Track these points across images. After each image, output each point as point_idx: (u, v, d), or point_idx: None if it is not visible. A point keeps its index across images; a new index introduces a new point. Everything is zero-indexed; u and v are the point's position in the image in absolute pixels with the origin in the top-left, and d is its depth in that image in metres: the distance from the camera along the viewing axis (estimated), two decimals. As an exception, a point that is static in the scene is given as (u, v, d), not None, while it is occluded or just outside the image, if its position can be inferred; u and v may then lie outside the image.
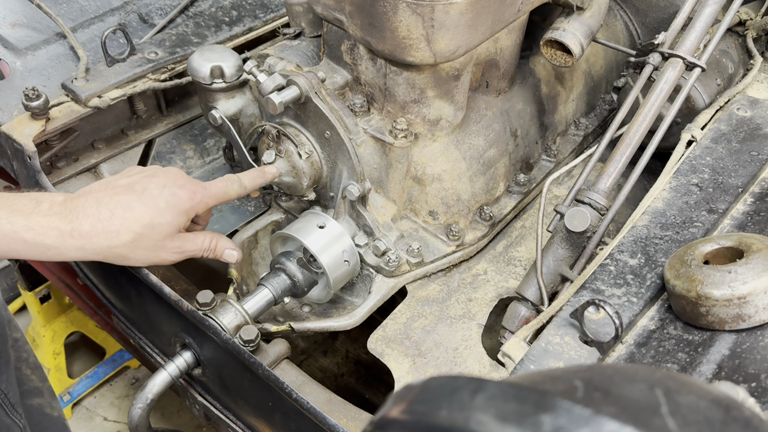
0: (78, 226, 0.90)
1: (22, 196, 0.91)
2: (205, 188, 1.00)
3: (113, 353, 2.11)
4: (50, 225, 0.89)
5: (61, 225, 0.89)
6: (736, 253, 0.83)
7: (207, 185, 1.01)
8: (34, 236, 0.88)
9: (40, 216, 0.89)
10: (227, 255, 1.06)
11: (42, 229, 0.88)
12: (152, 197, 0.94)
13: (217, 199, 1.02)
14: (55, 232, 0.89)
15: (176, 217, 0.96)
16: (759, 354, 0.76)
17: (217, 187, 1.03)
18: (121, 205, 0.92)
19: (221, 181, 1.04)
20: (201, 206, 0.99)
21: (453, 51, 1.02)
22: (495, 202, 1.29)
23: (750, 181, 1.04)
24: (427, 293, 1.18)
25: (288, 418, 0.97)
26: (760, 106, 1.20)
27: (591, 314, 0.84)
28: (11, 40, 1.30)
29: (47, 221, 0.89)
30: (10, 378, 1.12)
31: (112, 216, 0.91)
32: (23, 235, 0.88)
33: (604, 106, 1.54)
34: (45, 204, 0.91)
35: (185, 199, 0.96)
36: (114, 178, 0.99)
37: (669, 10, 1.48)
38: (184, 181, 0.98)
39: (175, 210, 0.95)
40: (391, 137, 1.11)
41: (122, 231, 0.92)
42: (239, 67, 1.19)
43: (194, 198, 0.98)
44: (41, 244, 0.89)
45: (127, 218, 0.92)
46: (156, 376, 1.03)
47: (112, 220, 0.91)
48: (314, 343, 1.98)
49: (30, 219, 0.88)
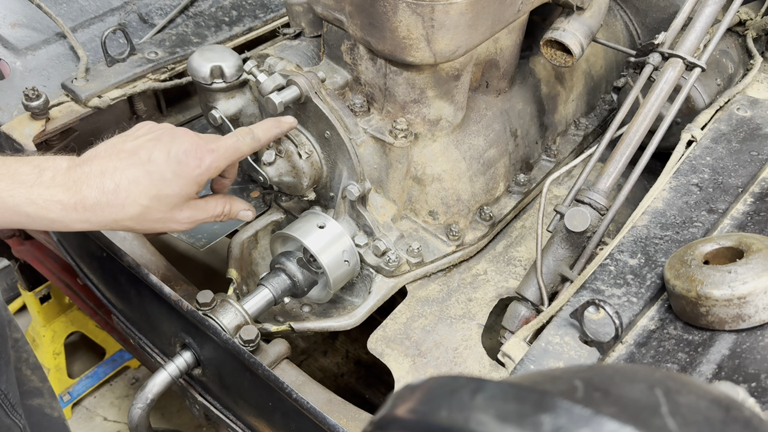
0: (82, 198, 0.85)
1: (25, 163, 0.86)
2: (213, 150, 0.92)
3: (113, 353, 2.12)
4: (53, 198, 0.84)
5: (65, 198, 0.85)
6: (736, 253, 0.83)
7: (215, 146, 0.93)
8: (36, 210, 0.84)
9: (43, 188, 0.84)
10: (242, 215, 1.03)
11: (45, 202, 0.84)
12: (158, 166, 0.88)
13: (229, 159, 0.95)
14: (58, 206, 0.84)
15: (184, 187, 0.90)
16: (759, 354, 0.76)
17: (227, 146, 0.94)
18: (126, 177, 0.87)
19: (231, 137, 0.97)
20: (212, 170, 0.92)
21: (453, 51, 1.02)
22: (495, 202, 1.29)
23: (750, 181, 1.04)
24: (427, 293, 1.18)
25: (288, 418, 0.97)
26: (760, 106, 1.20)
27: (591, 314, 0.84)
28: (11, 40, 1.30)
29: (50, 194, 0.84)
30: (10, 378, 1.12)
31: (117, 188, 0.86)
32: (25, 209, 0.84)
33: (604, 106, 1.54)
34: (48, 173, 0.85)
35: (192, 167, 0.89)
36: (121, 138, 0.92)
37: (669, 10, 1.48)
38: (190, 144, 0.90)
39: (183, 179, 0.89)
40: (391, 137, 1.11)
41: (128, 204, 0.87)
42: (239, 67, 1.19)
43: (202, 164, 0.90)
44: (45, 218, 0.85)
45: (132, 191, 0.86)
46: (156, 376, 1.03)
47: (118, 193, 0.86)
48: (314, 343, 1.98)
49: (32, 191, 0.84)
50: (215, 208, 0.97)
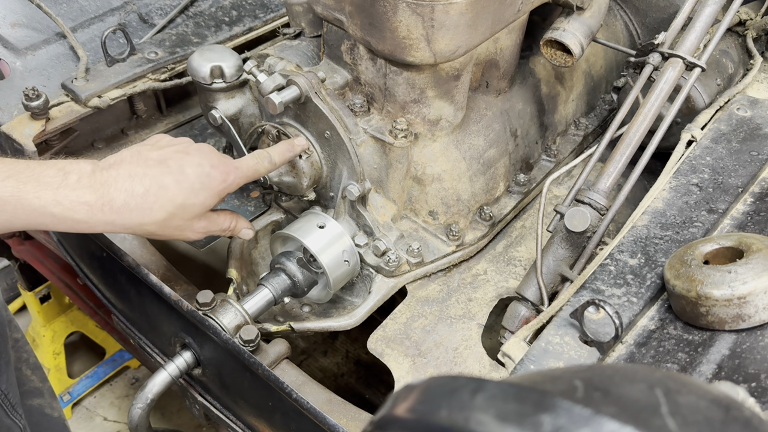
0: (110, 200, 0.88)
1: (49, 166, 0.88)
2: (237, 168, 0.99)
3: (113, 353, 2.12)
4: (80, 200, 0.86)
5: (92, 199, 0.87)
6: (736, 253, 0.83)
7: (238, 164, 1.00)
8: (62, 211, 0.86)
9: (69, 189, 0.86)
10: (243, 233, 1.08)
11: (71, 204, 0.86)
12: (187, 177, 0.93)
13: (248, 178, 1.02)
14: (84, 207, 0.87)
15: (209, 198, 0.95)
16: (759, 354, 0.76)
17: (248, 165, 1.02)
18: (156, 183, 0.91)
19: (252, 158, 1.03)
20: (233, 186, 0.99)
21: (453, 51, 1.02)
22: (495, 202, 1.29)
23: (750, 181, 1.04)
24: (427, 293, 1.18)
25: (288, 418, 0.97)
26: (760, 106, 1.20)
27: (591, 314, 0.84)
28: (11, 40, 1.30)
29: (76, 195, 0.86)
30: (11, 378, 1.12)
31: (147, 193, 0.90)
32: (51, 210, 0.85)
33: (604, 106, 1.54)
34: (73, 176, 0.87)
35: (219, 181, 0.96)
36: (144, 147, 0.96)
37: (669, 10, 1.48)
38: (217, 160, 0.97)
39: (209, 191, 0.95)
40: (391, 137, 1.11)
41: (155, 209, 0.90)
42: (239, 67, 1.19)
43: (227, 180, 0.97)
44: (70, 219, 0.87)
45: (161, 197, 0.91)
46: (156, 376, 1.03)
47: (147, 197, 0.90)
48: (314, 343, 1.98)
49: (58, 193, 0.86)
50: (224, 222, 1.03)
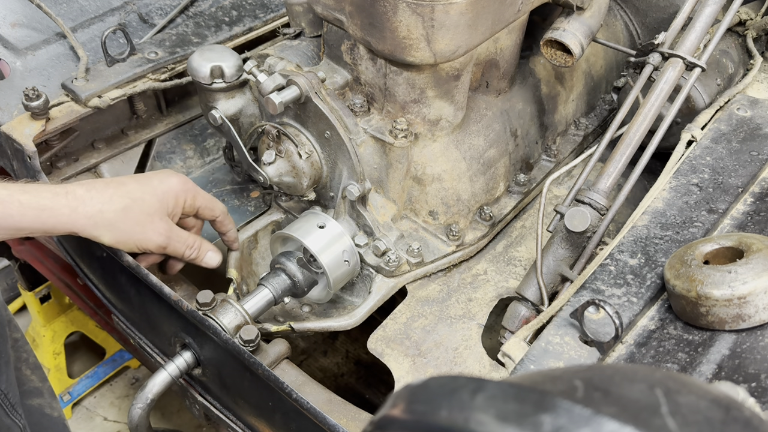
0: (73, 189, 0.95)
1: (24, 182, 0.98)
2: (196, 186, 1.07)
3: (113, 353, 2.12)
4: (45, 189, 0.94)
5: (56, 188, 0.95)
6: (736, 253, 0.83)
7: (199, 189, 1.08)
8: (29, 198, 0.92)
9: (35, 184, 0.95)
10: (209, 257, 1.10)
11: (36, 191, 0.93)
12: (146, 177, 1.03)
13: (207, 201, 1.08)
14: (49, 194, 0.94)
15: (165, 195, 1.01)
16: (759, 354, 0.76)
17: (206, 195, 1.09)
18: (115, 180, 1.00)
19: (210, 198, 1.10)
20: (190, 196, 1.05)
21: (453, 51, 1.02)
22: (495, 202, 1.29)
23: (750, 181, 1.04)
24: (427, 293, 1.18)
25: (288, 418, 0.97)
26: (760, 106, 1.20)
27: (591, 314, 0.84)
28: (11, 40, 1.29)
29: (43, 186, 0.95)
30: (10, 378, 1.12)
31: (107, 185, 0.98)
32: (19, 197, 0.91)
33: (604, 106, 1.54)
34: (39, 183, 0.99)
35: (176, 183, 1.03)
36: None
37: (669, 10, 1.48)
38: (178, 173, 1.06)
39: (165, 190, 1.01)
40: (391, 137, 1.11)
41: (115, 197, 0.97)
42: (239, 67, 1.18)
43: (185, 185, 1.04)
44: (36, 205, 0.92)
45: (119, 188, 0.98)
46: (156, 376, 1.03)
47: (107, 188, 0.97)
48: (314, 343, 1.98)
49: (25, 186, 0.93)
50: (188, 238, 1.06)
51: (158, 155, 1.42)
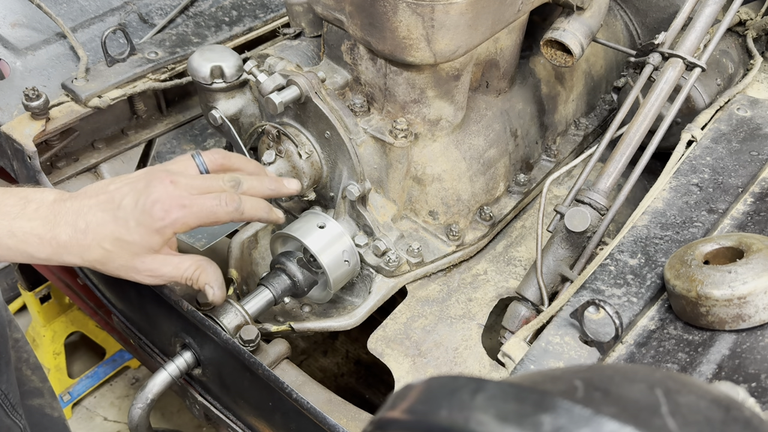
0: (56, 235, 0.87)
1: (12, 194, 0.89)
2: (185, 206, 0.88)
3: (113, 353, 2.11)
4: (33, 231, 0.86)
5: (42, 232, 0.87)
6: (736, 253, 0.83)
7: (190, 202, 0.88)
8: (16, 243, 0.86)
9: (25, 220, 0.86)
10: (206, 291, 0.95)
11: (24, 235, 0.86)
12: (125, 212, 0.87)
13: (201, 220, 0.89)
14: (36, 239, 0.87)
15: (145, 236, 0.87)
16: (759, 354, 0.76)
17: (202, 205, 0.89)
18: (95, 219, 0.87)
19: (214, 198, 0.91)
20: (178, 226, 0.88)
21: (453, 51, 1.02)
22: (495, 202, 1.29)
23: (750, 181, 1.04)
24: (427, 293, 1.18)
25: (288, 418, 0.97)
26: (760, 106, 1.20)
27: (591, 314, 0.84)
28: (11, 40, 1.30)
29: (30, 227, 0.86)
30: (11, 378, 1.12)
31: (87, 229, 0.87)
32: (6, 242, 0.86)
33: (604, 106, 1.54)
34: (33, 204, 0.88)
35: (156, 218, 0.86)
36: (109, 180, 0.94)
37: (669, 10, 1.48)
38: (160, 195, 0.87)
39: (145, 229, 0.87)
40: (391, 137, 1.11)
41: (93, 247, 0.88)
42: (239, 67, 1.19)
43: (167, 217, 0.86)
44: (24, 251, 0.87)
45: (98, 234, 0.87)
46: (156, 376, 1.03)
47: (86, 233, 0.87)
48: (314, 343, 1.98)
49: (14, 224, 0.86)
50: (185, 270, 0.93)
51: (158, 155, 1.42)
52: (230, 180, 0.95)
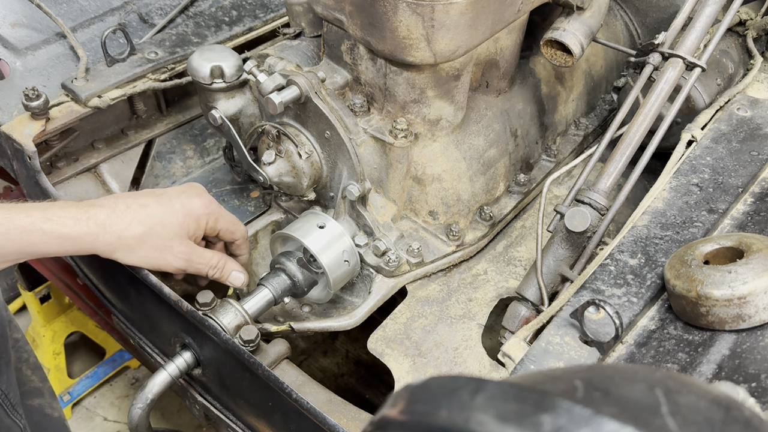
0: (94, 214, 0.94)
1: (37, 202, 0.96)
2: (220, 208, 1.05)
3: (113, 353, 2.11)
4: (67, 214, 0.92)
5: (77, 213, 0.93)
6: (736, 253, 0.83)
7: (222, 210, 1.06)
8: (52, 227, 0.91)
9: (57, 208, 0.93)
10: (233, 278, 1.08)
11: (59, 218, 0.92)
12: (168, 198, 0.99)
13: (230, 223, 1.06)
14: (71, 221, 0.92)
15: (187, 219, 0.99)
16: (759, 354, 0.76)
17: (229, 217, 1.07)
18: (137, 202, 0.98)
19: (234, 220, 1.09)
20: (212, 218, 1.03)
21: (453, 51, 1.02)
22: (495, 202, 1.29)
23: (750, 181, 1.04)
24: (427, 293, 1.18)
25: (288, 418, 0.97)
26: (760, 106, 1.20)
27: (591, 314, 0.84)
28: (11, 40, 1.29)
29: (64, 211, 0.93)
30: (11, 378, 1.12)
31: (128, 209, 0.96)
32: (42, 226, 0.91)
33: (604, 106, 1.54)
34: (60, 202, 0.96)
35: (198, 206, 1.01)
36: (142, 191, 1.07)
37: (669, 10, 1.48)
38: (202, 192, 1.04)
39: (187, 213, 0.99)
40: (391, 137, 1.11)
41: (134, 223, 0.96)
42: (239, 67, 1.18)
43: (208, 207, 1.02)
44: (59, 234, 0.92)
45: (140, 212, 0.96)
46: (156, 376, 1.03)
47: (127, 212, 0.96)
48: (314, 343, 1.98)
49: (48, 211, 0.92)
50: (211, 258, 1.04)
51: (158, 155, 1.42)
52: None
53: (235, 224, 1.08)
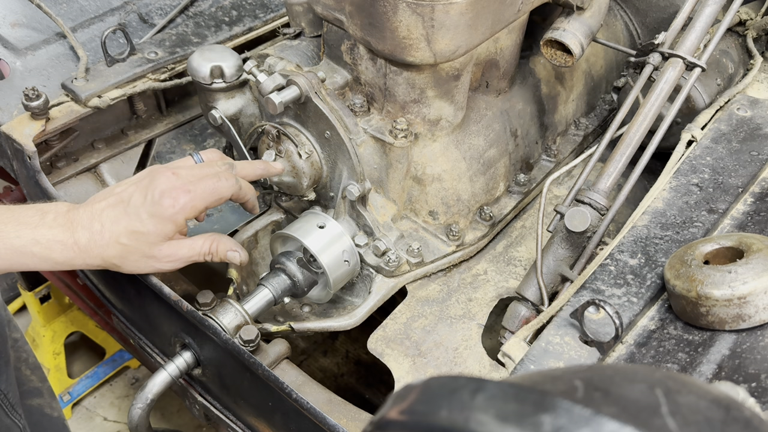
0: (77, 239, 0.93)
1: (28, 208, 0.94)
2: (190, 191, 0.95)
3: (113, 353, 2.11)
4: (55, 238, 0.91)
5: (64, 238, 0.92)
6: (736, 253, 0.83)
7: (193, 186, 0.95)
8: (41, 250, 0.91)
9: (46, 228, 0.92)
10: (230, 257, 1.03)
11: (48, 242, 0.91)
12: (135, 207, 0.94)
13: (206, 200, 0.97)
14: (59, 246, 0.92)
15: (158, 225, 0.93)
16: (759, 354, 0.76)
17: (205, 187, 0.97)
18: (110, 218, 0.94)
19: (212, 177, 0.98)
20: (188, 210, 0.95)
21: (453, 51, 1.02)
22: (495, 202, 1.29)
23: (750, 181, 1.04)
24: (427, 293, 1.18)
25: (288, 418, 0.97)
26: (760, 106, 1.20)
27: (591, 314, 0.84)
28: (11, 40, 1.30)
29: (52, 234, 0.92)
30: (10, 378, 1.12)
31: (102, 229, 0.93)
32: (32, 249, 0.91)
33: (604, 106, 1.54)
34: (50, 215, 0.93)
35: (166, 206, 0.93)
36: (116, 185, 1.00)
37: (669, 10, 1.48)
38: (166, 185, 0.94)
39: (158, 219, 0.93)
40: (391, 137, 1.11)
41: (111, 243, 0.93)
42: (239, 67, 1.19)
43: (176, 204, 0.94)
44: (49, 258, 0.92)
45: (114, 231, 0.93)
46: (156, 376, 1.03)
47: (103, 233, 0.93)
48: (314, 343, 1.98)
49: (36, 232, 0.91)
50: (201, 247, 1.00)
51: (158, 155, 1.42)
52: (224, 163, 1.04)
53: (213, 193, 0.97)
